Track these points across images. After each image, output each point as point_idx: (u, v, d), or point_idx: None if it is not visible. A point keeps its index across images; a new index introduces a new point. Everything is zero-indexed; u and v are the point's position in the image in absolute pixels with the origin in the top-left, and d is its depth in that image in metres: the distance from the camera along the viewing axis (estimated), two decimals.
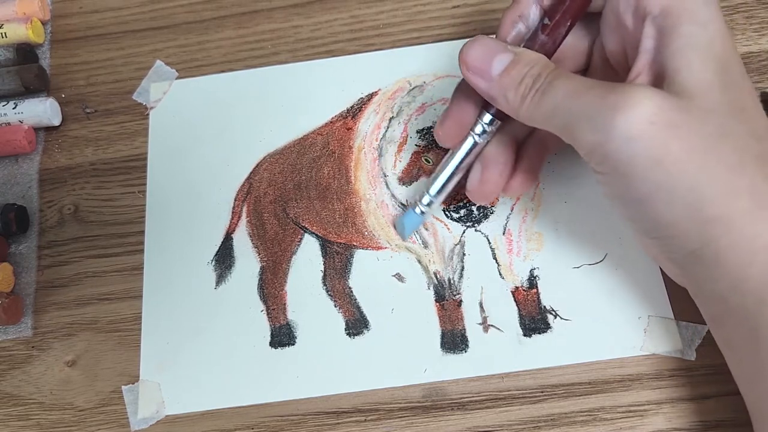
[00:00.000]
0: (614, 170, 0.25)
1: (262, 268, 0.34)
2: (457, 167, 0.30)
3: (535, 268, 0.33)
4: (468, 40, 0.28)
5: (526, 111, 0.27)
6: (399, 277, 0.33)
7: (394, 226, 0.34)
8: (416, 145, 0.35)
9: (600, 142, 0.24)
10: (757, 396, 0.26)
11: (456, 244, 0.33)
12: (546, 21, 0.28)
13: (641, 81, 0.26)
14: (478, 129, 0.29)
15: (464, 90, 0.30)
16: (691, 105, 0.24)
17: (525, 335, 0.31)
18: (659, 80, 0.25)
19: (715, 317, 0.27)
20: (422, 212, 0.32)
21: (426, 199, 0.31)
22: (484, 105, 0.29)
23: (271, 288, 0.34)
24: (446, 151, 0.31)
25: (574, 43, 0.30)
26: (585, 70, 0.31)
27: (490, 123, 0.29)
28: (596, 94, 0.25)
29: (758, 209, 0.24)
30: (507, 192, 0.31)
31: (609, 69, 0.30)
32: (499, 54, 0.27)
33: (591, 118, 0.24)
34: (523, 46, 0.28)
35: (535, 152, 0.31)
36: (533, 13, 0.29)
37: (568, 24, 0.28)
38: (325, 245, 0.34)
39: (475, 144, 0.30)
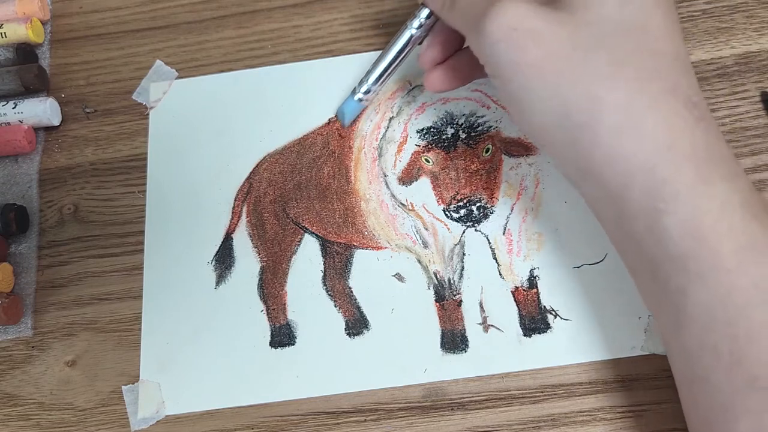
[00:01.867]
0: (494, 75, 0.27)
1: (262, 268, 0.34)
2: (395, 57, 0.33)
3: (535, 268, 0.33)
4: None
5: (444, 16, 0.29)
6: (399, 277, 0.33)
7: (336, 116, 0.36)
8: (416, 145, 0.35)
9: (478, 48, 0.27)
10: (662, 323, 0.26)
11: (456, 244, 0.33)
12: None
13: None
14: (416, 23, 0.32)
15: None
16: (566, 16, 0.25)
17: (525, 335, 0.31)
18: None
19: (615, 243, 0.27)
20: (360, 100, 0.34)
21: (364, 87, 0.33)
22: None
23: (271, 288, 0.34)
24: (446, 151, 0.31)
25: None
26: None
27: (427, 17, 0.31)
28: (483, 3, 0.26)
29: (628, 121, 0.24)
30: (428, 83, 0.32)
31: None
32: None
33: (474, 25, 0.26)
34: None
35: (467, 55, 0.32)
36: None
37: None
38: (325, 245, 0.34)
39: (412, 37, 0.32)
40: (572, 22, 0.25)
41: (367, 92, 0.34)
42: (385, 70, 0.33)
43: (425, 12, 0.31)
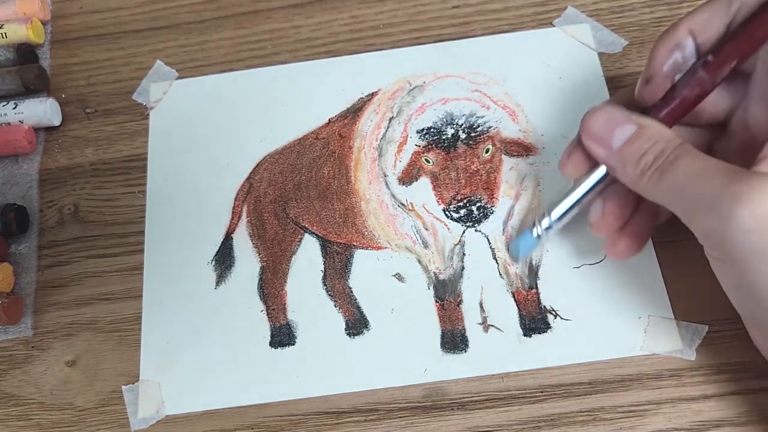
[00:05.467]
0: (729, 259, 0.25)
1: (262, 268, 0.34)
2: (585, 195, 0.29)
3: (535, 268, 0.32)
4: (590, 109, 0.28)
5: (644, 187, 0.26)
6: (399, 277, 0.33)
7: (507, 248, 0.33)
8: (416, 145, 0.35)
9: (717, 230, 0.24)
10: None
11: (456, 244, 0.33)
12: (710, 58, 0.27)
13: None
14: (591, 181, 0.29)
15: None
16: None
17: (525, 335, 0.31)
18: None
19: None
20: (539, 236, 0.31)
21: (546, 222, 0.30)
22: None
23: (271, 288, 0.34)
24: (446, 152, 0.31)
25: (717, 99, 0.29)
26: (721, 128, 0.30)
27: (602, 179, 0.29)
28: (718, 181, 0.24)
29: None
30: (612, 252, 0.30)
31: (748, 134, 0.29)
32: (621, 125, 0.27)
33: (710, 204, 0.24)
34: (678, 80, 0.27)
35: (645, 216, 0.30)
36: (689, 45, 0.27)
37: (733, 64, 0.26)
38: (325, 245, 0.34)
39: (606, 175, 0.29)
40: None
41: (547, 228, 0.31)
42: (572, 206, 0.30)
43: (601, 173, 0.29)
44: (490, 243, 0.33)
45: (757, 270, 0.24)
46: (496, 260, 0.33)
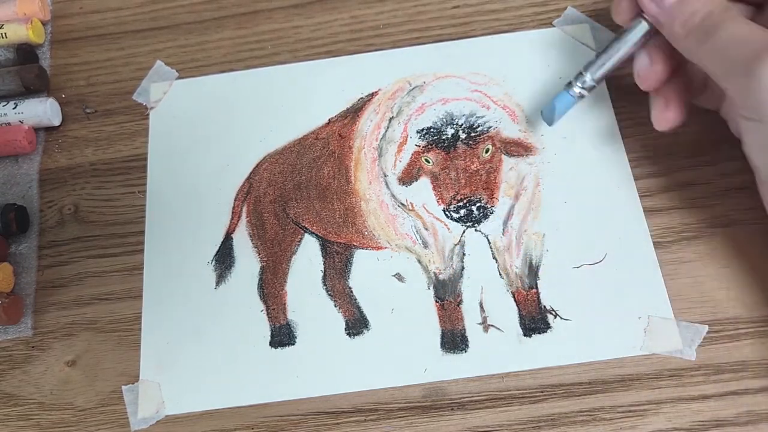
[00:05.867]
0: (759, 116, 0.26)
1: (262, 268, 0.34)
2: (626, 52, 0.30)
3: (535, 268, 0.32)
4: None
5: (688, 46, 0.28)
6: (399, 277, 0.33)
7: (541, 113, 0.33)
8: (416, 145, 0.35)
9: (750, 89, 0.26)
10: None
11: (456, 244, 0.33)
12: None
13: None
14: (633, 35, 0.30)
15: None
16: None
17: (525, 335, 0.31)
18: None
19: None
20: (580, 95, 0.31)
21: (587, 81, 0.30)
22: None
23: (271, 288, 0.34)
24: (446, 152, 0.31)
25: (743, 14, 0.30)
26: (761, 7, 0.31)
27: (645, 34, 0.29)
28: (756, 45, 0.25)
29: None
30: (663, 118, 0.31)
31: None
32: None
33: (745, 66, 0.25)
34: None
35: (683, 84, 0.31)
36: None
37: None
38: (325, 245, 0.34)
39: (649, 31, 0.29)
40: None
41: (587, 87, 0.31)
42: (614, 63, 0.30)
43: (645, 28, 0.29)
44: (490, 243, 0.33)
45: None
46: (496, 260, 0.33)
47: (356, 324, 0.32)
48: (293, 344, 0.32)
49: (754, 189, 0.30)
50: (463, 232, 0.34)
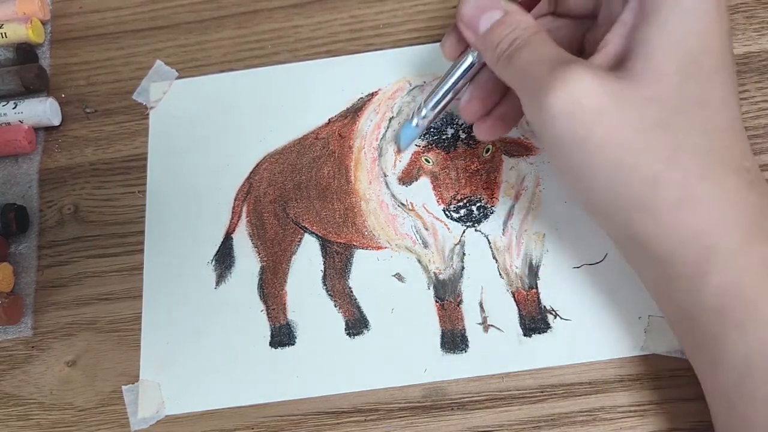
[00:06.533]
0: (545, 144, 0.26)
1: (262, 268, 0.34)
2: (453, 83, 0.30)
3: (535, 268, 0.32)
4: None
5: (499, 71, 0.27)
6: (399, 277, 0.33)
7: (395, 142, 0.35)
8: (416, 144, 0.35)
9: (533, 116, 0.25)
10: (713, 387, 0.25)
11: (456, 244, 0.33)
12: None
13: (608, 51, 0.25)
14: (460, 69, 0.30)
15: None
16: (632, 92, 0.24)
17: (525, 335, 0.31)
18: (623, 57, 0.25)
19: (651, 291, 0.27)
20: (417, 125, 0.32)
21: (423, 112, 0.32)
22: None
23: (271, 288, 0.34)
24: (446, 151, 0.31)
25: (569, 32, 0.30)
26: (593, 20, 0.30)
27: (470, 66, 0.30)
28: (546, 67, 0.25)
29: (684, 195, 0.23)
30: (477, 131, 0.31)
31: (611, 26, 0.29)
32: (489, 11, 0.28)
33: (532, 91, 0.25)
34: None
35: (515, 102, 0.30)
36: None
37: None
38: (325, 245, 0.34)
39: (473, 63, 0.30)
40: (637, 98, 0.24)
41: (424, 117, 0.32)
42: (443, 95, 0.31)
43: (468, 61, 0.29)
44: (490, 243, 0.33)
45: (566, 156, 0.25)
46: (496, 260, 0.33)
47: (356, 324, 0.32)
48: (293, 344, 0.32)
49: None
50: (463, 232, 0.34)
